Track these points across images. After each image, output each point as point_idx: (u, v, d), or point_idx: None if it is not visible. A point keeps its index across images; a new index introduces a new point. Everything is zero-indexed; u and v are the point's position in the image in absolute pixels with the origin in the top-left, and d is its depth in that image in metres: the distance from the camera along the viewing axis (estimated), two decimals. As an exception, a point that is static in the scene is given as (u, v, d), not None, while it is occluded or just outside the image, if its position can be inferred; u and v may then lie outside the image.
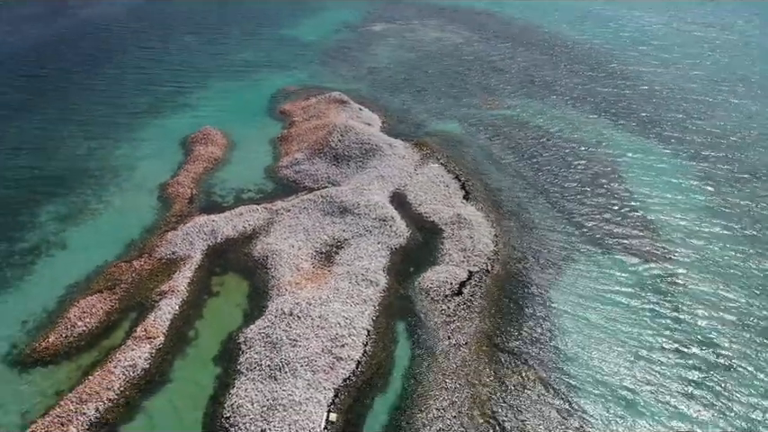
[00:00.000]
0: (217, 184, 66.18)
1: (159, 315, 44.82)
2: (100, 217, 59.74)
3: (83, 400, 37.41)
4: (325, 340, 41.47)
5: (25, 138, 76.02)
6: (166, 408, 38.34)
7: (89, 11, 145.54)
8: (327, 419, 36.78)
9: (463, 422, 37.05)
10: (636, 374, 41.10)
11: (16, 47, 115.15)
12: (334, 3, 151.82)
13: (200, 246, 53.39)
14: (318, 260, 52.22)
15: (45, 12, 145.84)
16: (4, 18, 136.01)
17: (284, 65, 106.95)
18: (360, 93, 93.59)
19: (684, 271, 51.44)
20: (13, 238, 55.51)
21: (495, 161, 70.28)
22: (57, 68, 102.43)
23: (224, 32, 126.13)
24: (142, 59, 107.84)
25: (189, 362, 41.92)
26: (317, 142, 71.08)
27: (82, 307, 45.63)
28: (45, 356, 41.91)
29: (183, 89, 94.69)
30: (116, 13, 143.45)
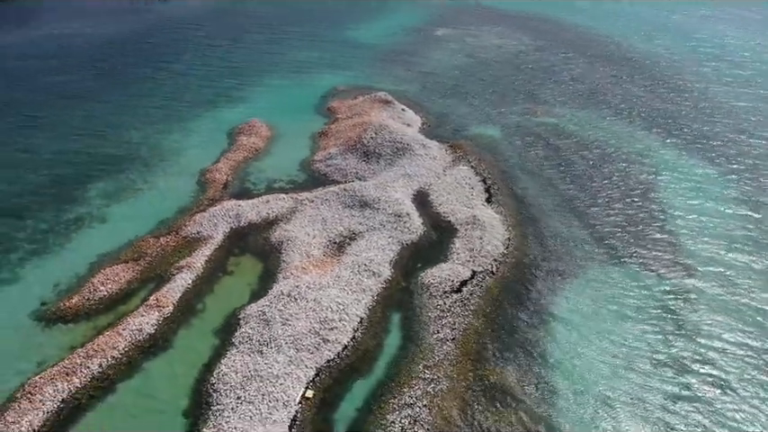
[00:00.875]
0: (253, 172, 69.64)
1: (172, 287, 48.26)
2: (141, 196, 64.32)
3: (89, 355, 41.12)
4: (314, 322, 43.49)
5: (89, 123, 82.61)
6: (163, 370, 41.45)
7: (167, 9, 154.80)
8: (303, 395, 38.66)
9: (432, 412, 37.97)
10: (618, 388, 40.65)
11: (93, 39, 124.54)
12: (401, 7, 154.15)
13: (223, 228, 56.78)
14: (330, 249, 54.41)
15: (125, 8, 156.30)
16: (88, 12, 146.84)
17: (340, 65, 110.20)
18: (407, 94, 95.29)
19: (698, 295, 50.04)
20: (62, 210, 60.92)
21: (527, 168, 70.35)
22: (127, 61, 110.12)
23: (289, 33, 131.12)
24: (208, 56, 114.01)
25: (192, 331, 44.95)
26: (351, 139, 73.50)
27: (107, 274, 49.75)
28: (67, 315, 46.03)
29: (240, 85, 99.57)
30: (192, 12, 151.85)
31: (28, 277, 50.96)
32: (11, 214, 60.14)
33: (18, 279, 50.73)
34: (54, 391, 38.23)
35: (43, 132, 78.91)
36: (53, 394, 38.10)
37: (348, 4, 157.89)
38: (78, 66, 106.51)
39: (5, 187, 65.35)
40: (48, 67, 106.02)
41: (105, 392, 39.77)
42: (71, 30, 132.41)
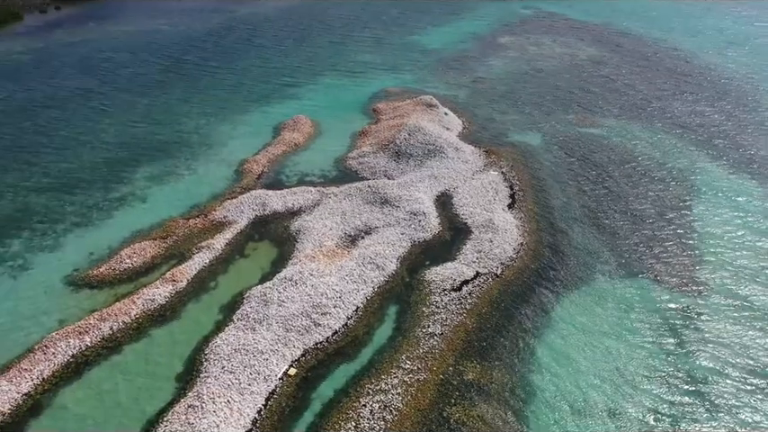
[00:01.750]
0: (288, 165, 73.04)
1: (190, 264, 52.00)
2: (181, 181, 69.00)
3: (103, 318, 45.24)
4: (307, 306, 45.77)
5: (149, 111, 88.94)
6: (167, 338, 45.01)
7: (244, 10, 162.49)
8: (286, 372, 41.05)
9: (404, 399, 39.43)
10: (596, 401, 40.38)
11: (169, 35, 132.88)
12: (472, 15, 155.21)
13: (248, 214, 60.28)
14: (343, 241, 56.68)
15: (204, 7, 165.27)
16: (171, 10, 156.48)
17: (397, 68, 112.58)
18: (456, 99, 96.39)
19: (709, 316, 48.47)
20: (108, 189, 66.42)
21: (560, 177, 70.00)
22: (196, 57, 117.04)
23: (355, 36, 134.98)
24: (273, 55, 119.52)
25: (200, 306, 48.38)
26: (386, 139, 75.62)
27: (134, 248, 54.18)
28: (93, 282, 50.62)
29: (297, 83, 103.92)
30: (267, 13, 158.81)
31: (68, 246, 55.97)
32: (66, 189, 66.04)
33: (59, 247, 55.85)
34: (66, 347, 42.33)
35: (107, 118, 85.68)
36: (65, 349, 42.19)
37: (421, 11, 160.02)
38: (150, 60, 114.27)
39: (66, 165, 71.64)
40: (123, 60, 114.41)
41: (111, 352, 43.41)
42: (151, 27, 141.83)
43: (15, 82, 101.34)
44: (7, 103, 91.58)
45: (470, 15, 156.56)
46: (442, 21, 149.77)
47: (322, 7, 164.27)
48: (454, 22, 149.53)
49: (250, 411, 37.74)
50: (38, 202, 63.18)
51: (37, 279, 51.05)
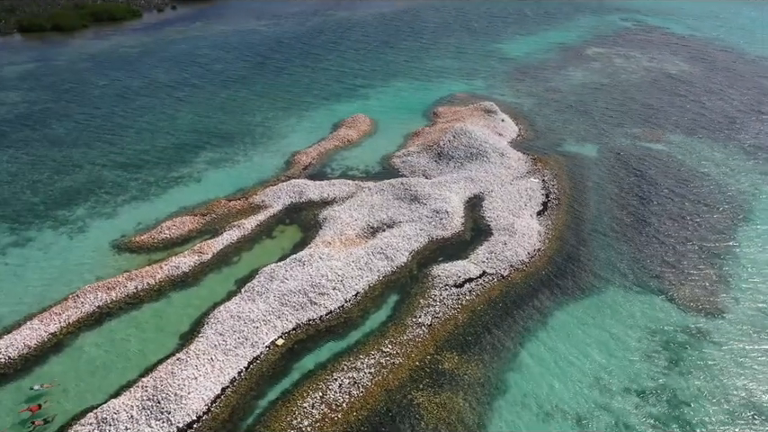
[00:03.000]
0: (336, 159, 77.03)
1: (219, 240, 57.01)
2: (236, 166, 74.84)
3: (131, 278, 51.00)
4: (306, 285, 49.13)
5: (225, 104, 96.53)
6: (182, 301, 49.92)
7: (342, 13, 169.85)
8: (274, 341, 44.62)
9: (374, 379, 41.73)
10: (567, 408, 40.25)
11: (263, 35, 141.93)
12: (565, 25, 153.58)
13: (284, 200, 64.74)
14: (364, 232, 59.61)
15: (306, 10, 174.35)
16: (275, 12, 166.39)
17: (471, 74, 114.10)
18: (521, 107, 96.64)
19: (716, 342, 46.38)
20: (170, 169, 73.42)
21: (602, 189, 68.98)
22: (281, 56, 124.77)
23: (440, 42, 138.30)
24: (353, 58, 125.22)
25: (218, 277, 53.05)
26: (432, 140, 77.79)
27: (175, 222, 60.08)
28: (133, 247, 56.82)
29: (369, 84, 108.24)
30: (362, 17, 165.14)
31: (122, 215, 62.89)
32: (134, 167, 73.73)
33: (115, 215, 62.90)
34: (94, 299, 48.27)
35: (187, 108, 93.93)
36: (92, 300, 48.13)
37: (515, 22, 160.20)
38: (239, 57, 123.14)
39: (140, 147, 79.79)
40: (215, 56, 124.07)
41: (132, 308, 48.80)
42: (250, 27, 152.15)
43: (119, 71, 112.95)
44: (106, 89, 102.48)
45: (564, 26, 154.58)
46: (532, 30, 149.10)
47: (416, 14, 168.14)
48: (545, 32, 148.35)
49: (231, 371, 41.36)
50: (108, 176, 70.89)
51: (89, 240, 57.81)
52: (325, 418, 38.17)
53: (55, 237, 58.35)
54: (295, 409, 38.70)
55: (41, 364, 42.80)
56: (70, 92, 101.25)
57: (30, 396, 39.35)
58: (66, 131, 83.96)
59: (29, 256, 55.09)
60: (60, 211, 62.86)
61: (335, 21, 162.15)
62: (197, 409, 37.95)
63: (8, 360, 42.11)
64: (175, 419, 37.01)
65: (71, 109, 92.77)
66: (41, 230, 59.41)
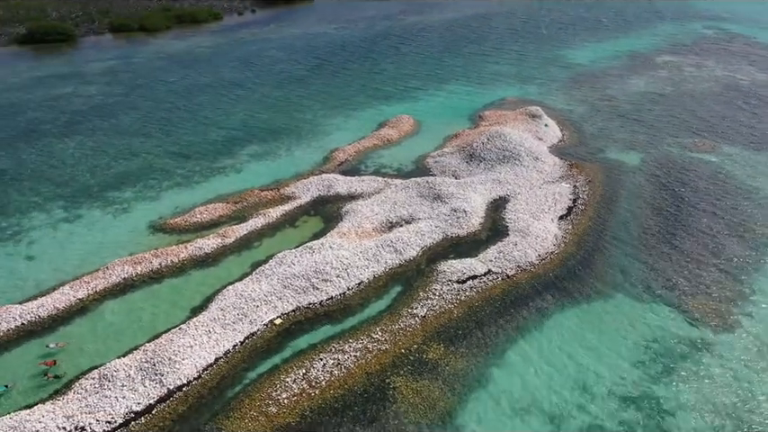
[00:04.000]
0: (372, 157, 79.61)
1: (244, 226, 60.84)
2: (276, 160, 78.94)
3: (157, 255, 55.56)
4: (310, 271, 51.84)
5: (279, 102, 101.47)
6: (200, 279, 53.74)
7: (414, 18, 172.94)
8: (272, 321, 47.64)
9: (357, 362, 43.79)
10: (543, 406, 40.46)
11: (330, 38, 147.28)
12: (641, 32, 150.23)
13: (312, 193, 67.95)
14: (382, 226, 61.76)
15: (378, 14, 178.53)
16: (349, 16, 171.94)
17: (528, 80, 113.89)
18: (571, 112, 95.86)
19: (716, 355, 44.85)
20: (215, 160, 78.50)
21: (636, 197, 67.71)
22: (342, 59, 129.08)
23: (504, 47, 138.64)
24: (411, 61, 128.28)
25: (237, 259, 56.68)
26: (466, 142, 78.88)
27: (207, 207, 64.54)
28: (167, 228, 61.57)
29: (422, 87, 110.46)
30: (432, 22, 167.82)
31: (164, 199, 68.04)
32: (184, 156, 79.36)
33: (157, 199, 68.16)
34: (121, 271, 53.06)
35: (242, 104, 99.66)
36: (119, 273, 52.91)
37: (588, 28, 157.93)
38: (302, 59, 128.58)
39: (192, 138, 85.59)
40: (279, 57, 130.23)
41: (154, 282, 53.14)
42: (320, 30, 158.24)
43: (189, 69, 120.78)
44: (174, 85, 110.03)
45: (638, 34, 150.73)
46: (603, 38, 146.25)
47: (486, 20, 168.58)
48: (616, 39, 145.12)
49: (226, 344, 44.55)
50: (159, 164, 76.69)
51: (129, 220, 63.16)
52: (303, 392, 40.45)
53: (101, 215, 63.95)
54: (277, 383, 41.14)
55: (66, 325, 47.49)
56: (142, 87, 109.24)
57: (46, 353, 43.82)
58: (131, 122, 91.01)
59: (75, 231, 60.81)
60: (111, 193, 68.67)
61: (404, 25, 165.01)
62: (188, 375, 41.21)
63: (38, 319, 47.15)
64: (167, 381, 40.43)
65: (139, 102, 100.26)
66: (91, 209, 65.26)
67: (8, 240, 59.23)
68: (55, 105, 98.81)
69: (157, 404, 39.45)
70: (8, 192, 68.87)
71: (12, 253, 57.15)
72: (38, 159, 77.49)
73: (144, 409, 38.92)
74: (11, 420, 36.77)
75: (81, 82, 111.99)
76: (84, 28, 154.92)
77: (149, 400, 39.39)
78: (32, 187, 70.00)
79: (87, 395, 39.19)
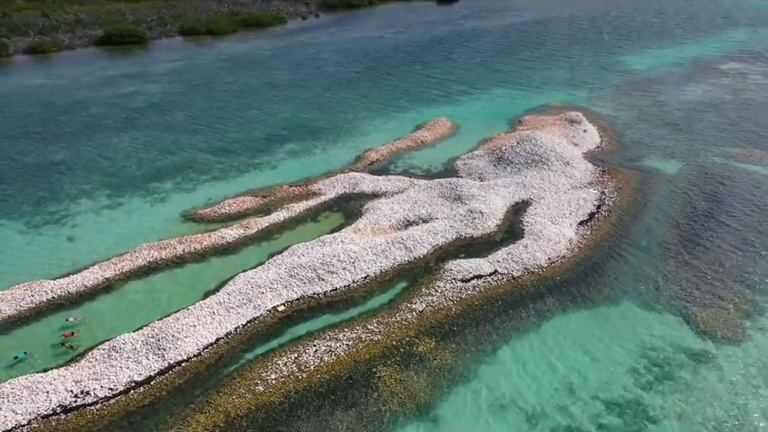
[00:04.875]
0: (404, 158, 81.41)
1: (266, 218, 63.96)
2: (311, 158, 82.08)
3: (181, 242, 59.39)
4: (317, 262, 54.16)
5: (325, 103, 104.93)
6: (219, 265, 56.90)
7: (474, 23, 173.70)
8: (275, 307, 50.33)
9: (349, 351, 45.68)
10: (523, 405, 40.51)
11: (385, 42, 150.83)
12: (711, 38, 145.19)
13: (337, 190, 70.44)
14: (398, 224, 63.36)
15: (438, 19, 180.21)
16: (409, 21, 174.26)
17: (578, 85, 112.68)
18: (616, 119, 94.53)
19: (715, 367, 43.53)
20: (253, 156, 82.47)
21: (665, 206, 65.94)
22: (393, 62, 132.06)
23: (559, 53, 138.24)
24: (461, 66, 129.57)
25: (256, 249, 59.65)
26: (497, 145, 79.37)
27: (237, 200, 68.16)
28: (196, 218, 65.47)
29: (468, 92, 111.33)
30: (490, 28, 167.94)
31: (199, 191, 72.28)
32: (225, 152, 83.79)
33: (193, 190, 72.46)
34: (147, 255, 57.16)
35: (289, 104, 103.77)
36: (145, 256, 57.01)
37: (656, 33, 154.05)
38: (355, 62, 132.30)
39: (236, 135, 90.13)
40: (334, 60, 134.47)
41: (176, 266, 56.88)
42: (377, 34, 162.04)
43: (245, 71, 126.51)
44: (230, 86, 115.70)
45: (707, 40, 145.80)
46: (667, 44, 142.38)
47: (547, 25, 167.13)
48: (681, 45, 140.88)
49: (229, 325, 47.44)
50: (201, 158, 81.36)
51: (165, 209, 67.56)
52: (291, 375, 42.62)
53: (140, 204, 68.76)
54: (269, 364, 43.49)
55: (91, 301, 51.75)
56: (199, 87, 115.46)
57: (66, 325, 48.05)
58: (183, 119, 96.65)
59: (114, 217, 65.75)
60: (152, 184, 73.56)
61: (461, 30, 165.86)
62: (189, 351, 44.25)
63: (67, 294, 51.69)
64: (168, 356, 43.62)
65: (194, 101, 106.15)
66: (132, 198, 70.24)
67: (55, 223, 64.47)
68: (118, 103, 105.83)
69: (157, 376, 42.44)
70: (62, 180, 74.76)
71: (56, 234, 62.14)
72: (93, 151, 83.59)
73: (144, 379, 42.01)
74: (26, 381, 40.69)
75: (145, 81, 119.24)
76: (157, 31, 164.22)
77: (150, 372, 42.47)
78: (84, 176, 75.62)
79: (96, 364, 42.69)
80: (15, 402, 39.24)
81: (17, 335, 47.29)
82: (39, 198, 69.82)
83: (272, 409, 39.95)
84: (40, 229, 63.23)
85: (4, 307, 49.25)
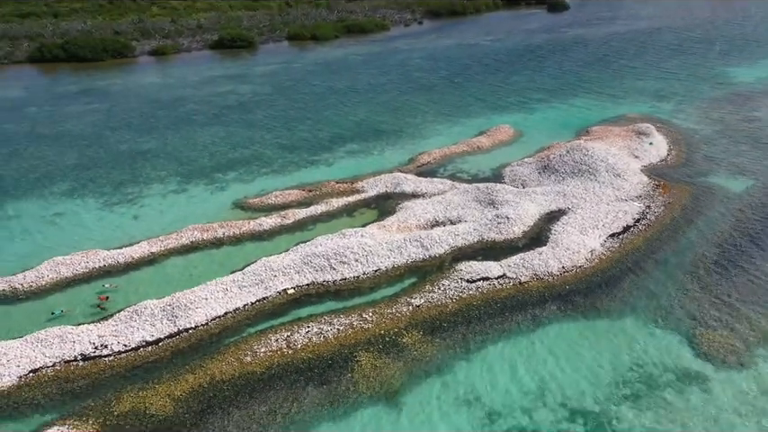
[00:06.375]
0: (456, 162, 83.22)
1: (304, 210, 68.68)
2: (367, 157, 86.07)
3: (222, 226, 65.40)
4: (331, 253, 57.93)
5: (397, 106, 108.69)
6: (251, 249, 61.85)
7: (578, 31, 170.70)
8: (286, 290, 54.84)
9: (338, 335, 48.67)
10: (490, 403, 41.45)
11: (478, 49, 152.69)
12: None
13: (379, 188, 73.89)
14: (425, 223, 65.61)
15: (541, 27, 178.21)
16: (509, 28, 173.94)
17: (665, 97, 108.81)
18: (695, 132, 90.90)
19: (711, 389, 41.82)
20: (314, 153, 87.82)
21: (712, 226, 63.10)
22: (481, 69, 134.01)
23: (661, 62, 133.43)
24: (548, 73, 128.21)
25: (288, 237, 64.11)
26: (547, 153, 79.24)
27: (284, 193, 73.31)
28: (244, 206, 71.32)
29: (546, 99, 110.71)
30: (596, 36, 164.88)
31: (254, 183, 78.54)
32: (290, 148, 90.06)
33: (250, 182, 78.80)
34: (190, 235, 63.68)
35: (364, 107, 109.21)
36: (189, 236, 63.62)
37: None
38: (441, 68, 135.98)
39: (304, 134, 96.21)
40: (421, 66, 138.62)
41: (214, 247, 62.86)
42: (473, 41, 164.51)
43: (335, 74, 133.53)
44: (316, 88, 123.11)
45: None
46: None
47: (655, 34, 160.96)
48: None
49: (239, 302, 52.31)
50: (267, 154, 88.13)
51: (221, 198, 74.31)
52: (279, 350, 46.51)
53: (201, 191, 76.07)
54: (262, 339, 47.68)
55: (135, 271, 58.77)
56: (287, 88, 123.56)
57: (103, 290, 55.17)
58: (262, 117, 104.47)
59: (176, 201, 73.37)
60: (217, 174, 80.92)
61: (560, 38, 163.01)
62: (198, 321, 49.57)
63: (116, 263, 59.15)
64: (178, 323, 49.17)
65: (277, 101, 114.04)
66: (196, 185, 77.83)
67: (127, 202, 73.14)
68: (212, 100, 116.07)
69: (166, 339, 47.99)
70: (144, 166, 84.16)
71: (124, 212, 70.61)
72: (177, 143, 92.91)
73: (154, 340, 47.72)
74: (59, 331, 47.75)
75: (241, 82, 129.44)
76: (267, 36, 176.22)
77: (160, 335, 48.14)
78: (163, 164, 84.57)
79: (119, 323, 49.08)
80: (47, 347, 46.17)
81: (68, 293, 54.85)
82: (120, 181, 78.92)
83: (252, 377, 43.83)
84: (114, 207, 71.75)
85: (64, 270, 57.10)
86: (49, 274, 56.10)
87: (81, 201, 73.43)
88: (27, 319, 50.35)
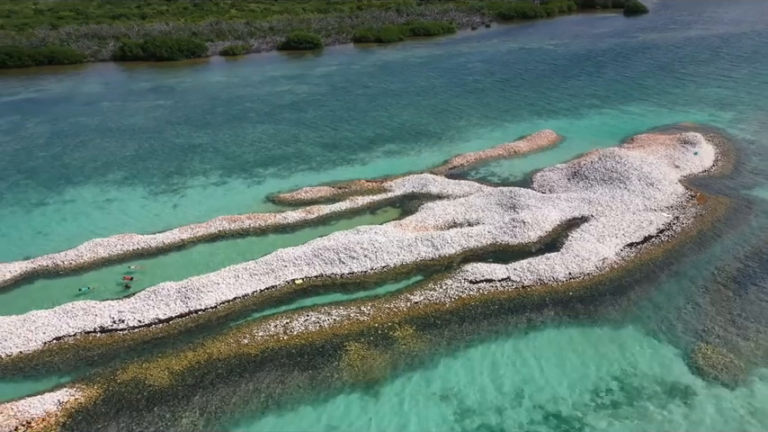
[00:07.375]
0: (489, 165, 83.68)
1: (329, 206, 71.40)
2: (402, 158, 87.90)
3: (249, 218, 69.22)
4: (342, 247, 60.31)
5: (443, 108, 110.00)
6: (273, 241, 64.82)
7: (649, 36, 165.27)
8: (294, 280, 57.81)
9: (333, 325, 51.35)
10: (468, 402, 42.33)
11: (543, 53, 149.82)
12: None
13: (406, 188, 75.71)
14: (443, 224, 66.83)
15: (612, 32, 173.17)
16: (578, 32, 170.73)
17: (727, 106, 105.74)
18: (750, 144, 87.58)
19: (696, 404, 41.05)
20: (351, 152, 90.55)
21: (741, 241, 61.18)
22: (537, 74, 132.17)
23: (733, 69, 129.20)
24: (608, 77, 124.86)
25: (310, 231, 66.69)
26: (579, 160, 78.50)
27: (314, 189, 76.33)
28: (275, 200, 74.72)
29: (598, 105, 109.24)
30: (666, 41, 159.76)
31: (290, 178, 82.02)
32: (330, 147, 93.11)
33: (286, 178, 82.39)
34: (219, 224, 67.77)
35: (411, 108, 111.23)
36: (218, 226, 67.71)
37: None
38: (497, 72, 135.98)
39: (348, 134, 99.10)
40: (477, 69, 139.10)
41: (240, 237, 66.50)
42: (537, 45, 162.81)
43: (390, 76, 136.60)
44: (368, 89, 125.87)
45: None
46: None
47: (729, 40, 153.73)
48: None
49: (248, 288, 55.58)
50: (308, 151, 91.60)
51: (256, 191, 78.25)
52: (275, 335, 49.29)
53: (239, 184, 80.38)
54: (263, 324, 50.66)
55: (163, 255, 63.26)
56: (341, 89, 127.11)
57: (128, 271, 59.86)
58: (311, 117, 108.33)
59: (214, 193, 77.97)
60: (257, 169, 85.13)
61: (630, 43, 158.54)
62: (207, 303, 53.19)
63: (148, 247, 63.91)
64: (189, 304, 52.94)
65: (329, 101, 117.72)
66: (236, 179, 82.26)
67: (169, 192, 78.36)
68: (268, 99, 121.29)
69: (176, 318, 51.78)
70: (193, 158, 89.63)
71: (166, 201, 75.75)
72: (227, 138, 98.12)
73: (166, 318, 51.61)
74: (84, 305, 52.56)
75: (299, 82, 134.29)
76: (333, 38, 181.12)
77: (172, 314, 52.02)
78: (210, 158, 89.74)
79: (137, 301, 53.40)
80: (71, 318, 50.98)
81: (102, 272, 59.92)
82: (169, 172, 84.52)
83: (246, 358, 46.70)
84: (158, 196, 77.07)
85: (101, 250, 62.39)
86: (87, 253, 61.22)
87: (131, 189, 79.15)
88: (61, 293, 55.42)
